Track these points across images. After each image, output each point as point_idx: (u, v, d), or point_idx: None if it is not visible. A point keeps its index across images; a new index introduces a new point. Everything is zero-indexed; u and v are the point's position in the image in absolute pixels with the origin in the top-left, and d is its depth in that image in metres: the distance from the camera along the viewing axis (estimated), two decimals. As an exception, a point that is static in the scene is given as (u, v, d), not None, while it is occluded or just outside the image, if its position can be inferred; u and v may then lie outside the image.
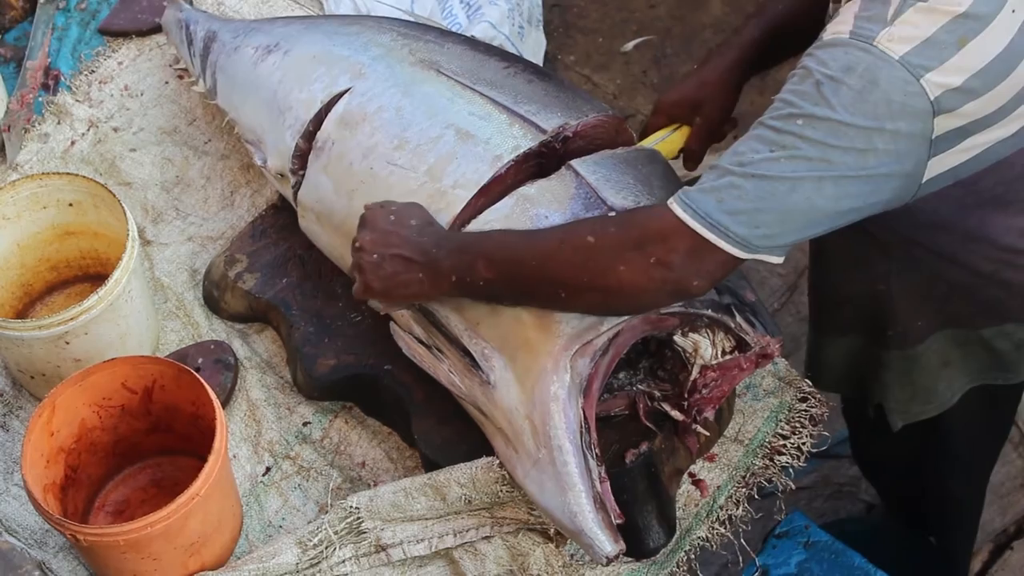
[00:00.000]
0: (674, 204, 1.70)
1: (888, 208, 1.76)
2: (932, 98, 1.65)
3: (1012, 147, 1.78)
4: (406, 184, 1.98)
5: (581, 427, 1.79)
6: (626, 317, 1.81)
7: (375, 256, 1.85)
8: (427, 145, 1.99)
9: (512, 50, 2.98)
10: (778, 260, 1.73)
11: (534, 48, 3.13)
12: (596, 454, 1.80)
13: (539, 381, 1.80)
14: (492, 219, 1.90)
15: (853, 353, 2.20)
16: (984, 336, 2.07)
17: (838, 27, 1.70)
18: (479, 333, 1.88)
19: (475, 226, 1.90)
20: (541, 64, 3.15)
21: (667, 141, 2.08)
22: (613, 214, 1.80)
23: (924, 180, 1.73)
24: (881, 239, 1.96)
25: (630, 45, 3.81)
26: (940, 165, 1.73)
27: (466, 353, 1.89)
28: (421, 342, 1.98)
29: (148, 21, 2.66)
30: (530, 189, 1.91)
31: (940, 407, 2.18)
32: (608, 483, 1.81)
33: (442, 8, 2.92)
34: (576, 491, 1.77)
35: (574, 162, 1.93)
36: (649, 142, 2.08)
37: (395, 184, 1.99)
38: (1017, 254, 1.92)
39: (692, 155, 2.09)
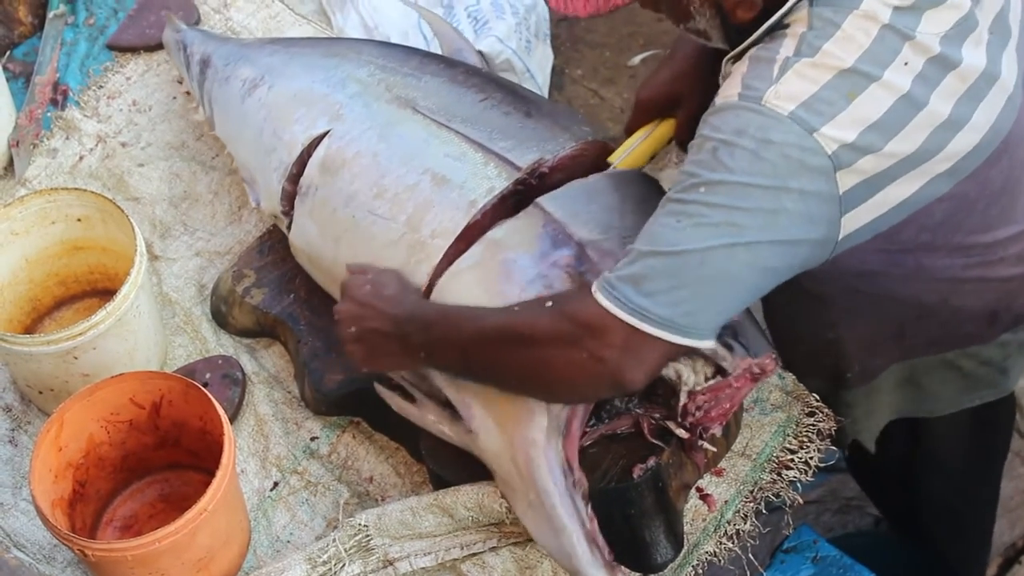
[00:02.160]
0: (598, 293, 1.68)
1: (806, 268, 1.73)
2: (829, 152, 1.62)
3: (929, 197, 1.74)
4: (387, 235, 1.98)
5: (564, 468, 1.79)
6: None
7: (353, 329, 1.88)
8: (405, 193, 1.99)
9: (519, 64, 2.97)
10: (709, 344, 1.70)
11: (541, 62, 3.12)
12: (583, 492, 1.80)
13: (517, 426, 1.80)
14: (464, 267, 1.89)
15: (816, 394, 2.14)
16: (948, 359, 2.04)
17: (728, 90, 1.69)
18: (457, 383, 1.88)
19: (448, 277, 1.90)
20: (548, 78, 3.15)
21: (652, 137, 2.07)
22: (549, 304, 1.75)
23: (840, 237, 1.70)
24: (817, 293, 1.92)
25: (637, 59, 3.81)
26: (855, 221, 1.70)
27: (447, 405, 1.90)
28: (405, 397, 1.99)
29: (156, 36, 2.66)
30: (498, 232, 1.90)
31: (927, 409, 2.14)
32: (596, 521, 1.81)
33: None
34: (567, 533, 1.78)
35: (541, 199, 1.92)
36: (634, 139, 2.07)
37: (377, 234, 2.00)
38: (961, 282, 1.89)
39: (685, 144, 2.03)
